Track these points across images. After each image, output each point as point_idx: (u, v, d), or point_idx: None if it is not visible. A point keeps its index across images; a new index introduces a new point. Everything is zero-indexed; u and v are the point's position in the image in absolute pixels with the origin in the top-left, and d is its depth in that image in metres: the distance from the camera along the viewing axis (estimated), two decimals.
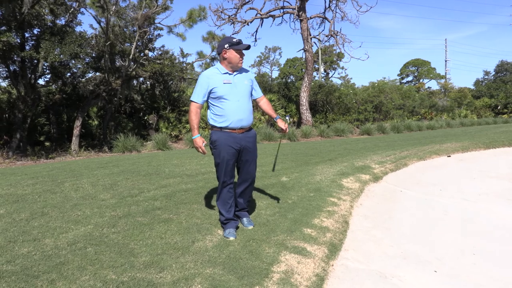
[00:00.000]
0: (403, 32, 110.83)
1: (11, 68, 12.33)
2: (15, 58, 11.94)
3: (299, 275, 2.81)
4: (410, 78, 55.55)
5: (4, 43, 9.98)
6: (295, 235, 3.51)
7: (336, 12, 18.87)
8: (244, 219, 3.73)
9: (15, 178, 5.65)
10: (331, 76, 42.37)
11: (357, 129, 18.76)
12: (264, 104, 3.77)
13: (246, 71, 3.57)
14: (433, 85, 62.41)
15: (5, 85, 15.46)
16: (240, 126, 3.43)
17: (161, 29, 16.52)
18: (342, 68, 42.85)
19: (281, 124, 3.74)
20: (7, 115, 14.83)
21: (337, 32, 18.82)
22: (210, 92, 3.41)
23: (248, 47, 3.39)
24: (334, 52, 39.24)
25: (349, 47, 32.88)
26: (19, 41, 11.48)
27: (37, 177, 5.69)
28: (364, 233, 3.95)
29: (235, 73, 3.46)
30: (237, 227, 3.57)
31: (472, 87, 45.59)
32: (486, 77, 48.23)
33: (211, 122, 3.47)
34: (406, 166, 7.61)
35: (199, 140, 3.41)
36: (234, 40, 3.36)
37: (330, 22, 19.00)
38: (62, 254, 2.94)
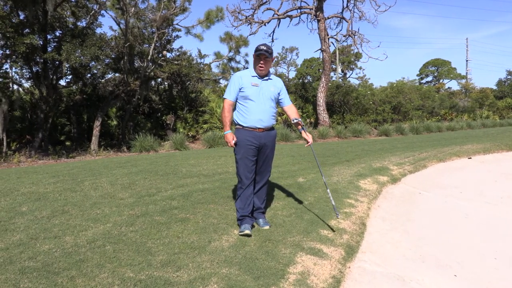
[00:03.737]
0: (422, 31, 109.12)
1: (34, 69, 12.66)
2: (38, 60, 12.26)
3: (316, 277, 2.80)
4: (429, 78, 54.52)
5: (27, 45, 10.25)
6: (311, 236, 3.49)
7: (354, 12, 18.70)
8: (260, 220, 3.75)
9: (37, 177, 5.78)
10: (349, 77, 41.92)
11: (375, 130, 18.53)
12: (290, 111, 3.92)
13: (277, 80, 3.80)
14: (453, 85, 61.21)
15: (28, 86, 15.87)
16: (260, 126, 3.62)
17: (179, 30, 16.69)
18: (360, 68, 42.30)
19: (305, 136, 3.93)
20: (29, 115, 15.23)
21: (355, 32, 18.63)
22: (239, 91, 3.63)
23: (262, 50, 3.54)
24: (352, 52, 38.83)
25: (367, 47, 32.67)
26: (41, 43, 11.77)
27: (58, 176, 5.82)
28: (382, 235, 3.90)
29: (264, 78, 3.68)
30: (252, 226, 3.61)
31: (495, 87, 44.48)
32: (509, 77, 46.91)
33: (236, 120, 3.70)
34: (425, 168, 7.48)
35: (230, 136, 3.63)
36: (258, 46, 3.60)
37: (348, 22, 18.84)
38: (82, 251, 2.99)
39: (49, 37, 12.38)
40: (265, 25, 18.57)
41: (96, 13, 13.24)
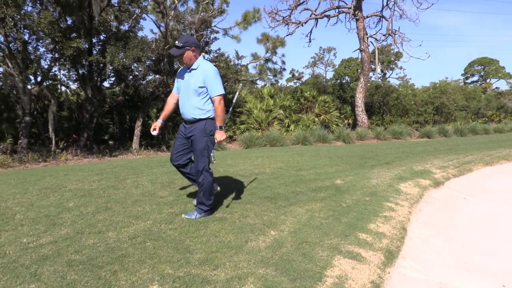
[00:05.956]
0: (467, 29, 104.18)
1: (80, 71, 13.28)
2: (84, 62, 12.83)
3: (353, 281, 2.74)
4: (475, 78, 52.12)
5: (74, 49, 10.75)
6: (349, 240, 3.43)
7: (394, 10, 18.19)
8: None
9: (82, 174, 6.05)
10: (389, 77, 40.85)
11: (416, 132, 17.92)
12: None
13: (202, 70, 3.63)
14: (502, 85, 58.27)
15: (75, 88, 16.67)
16: (184, 118, 3.79)
17: (217, 32, 16.92)
18: (401, 68, 41.11)
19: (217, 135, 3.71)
20: (76, 115, 15.99)
21: (395, 30, 18.14)
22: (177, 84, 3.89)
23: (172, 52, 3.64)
24: (392, 51, 37.80)
25: (408, 46, 31.68)
26: (87, 47, 12.31)
27: (102, 174, 6.06)
28: (423, 241, 3.76)
29: (189, 70, 3.70)
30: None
31: None
32: None
33: None
34: (471, 172, 7.14)
35: (156, 123, 3.94)
36: None
37: (387, 20, 18.36)
38: (124, 247, 3.10)
39: (94, 40, 12.93)
40: (302, 25, 18.48)
41: (137, 17, 13.69)
